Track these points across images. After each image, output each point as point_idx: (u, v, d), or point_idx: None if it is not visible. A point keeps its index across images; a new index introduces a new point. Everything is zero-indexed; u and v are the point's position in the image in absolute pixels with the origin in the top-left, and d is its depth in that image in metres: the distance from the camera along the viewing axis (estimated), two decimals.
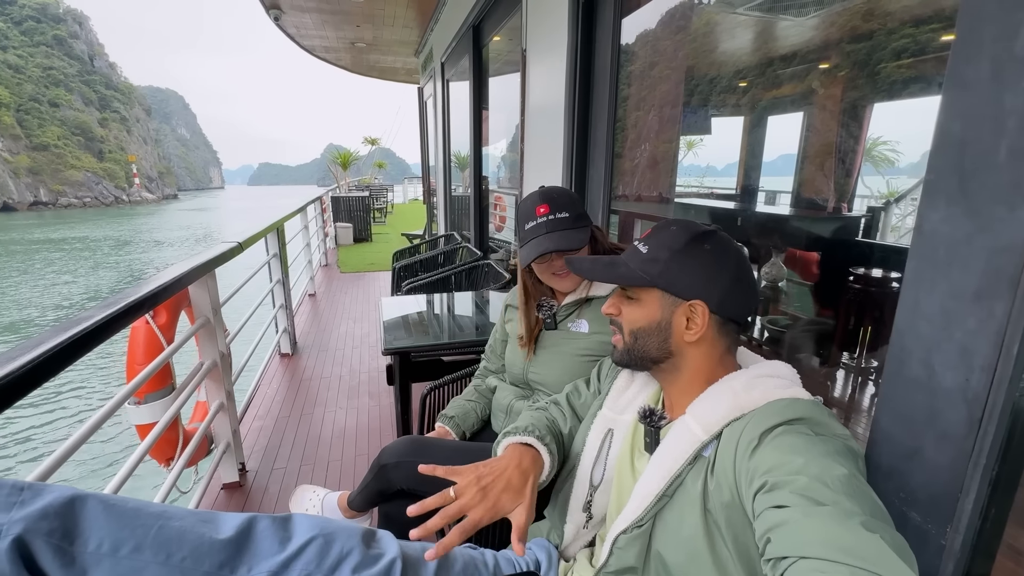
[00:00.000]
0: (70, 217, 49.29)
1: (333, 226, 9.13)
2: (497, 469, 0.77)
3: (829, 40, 1.38)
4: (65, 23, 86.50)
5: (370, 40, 6.52)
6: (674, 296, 0.75)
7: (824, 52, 1.41)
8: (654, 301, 0.76)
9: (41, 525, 0.55)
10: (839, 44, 1.36)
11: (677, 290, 0.74)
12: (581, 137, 1.89)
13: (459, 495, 0.72)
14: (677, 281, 0.74)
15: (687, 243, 0.75)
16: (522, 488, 0.76)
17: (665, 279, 0.74)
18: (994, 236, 0.55)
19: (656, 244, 0.77)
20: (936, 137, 0.61)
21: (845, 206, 1.47)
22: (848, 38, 1.33)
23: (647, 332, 0.77)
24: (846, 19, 1.33)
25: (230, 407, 2.02)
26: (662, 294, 0.75)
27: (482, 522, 0.70)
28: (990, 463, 0.58)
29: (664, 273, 0.74)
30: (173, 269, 1.58)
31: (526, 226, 1.14)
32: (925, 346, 0.63)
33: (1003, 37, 0.53)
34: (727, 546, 0.65)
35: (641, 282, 0.76)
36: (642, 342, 0.77)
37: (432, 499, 0.71)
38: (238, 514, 0.65)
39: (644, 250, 0.77)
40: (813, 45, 1.43)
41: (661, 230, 0.78)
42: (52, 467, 0.99)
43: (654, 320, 0.76)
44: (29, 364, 0.86)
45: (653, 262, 0.76)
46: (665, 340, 0.76)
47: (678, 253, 0.74)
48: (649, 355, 0.78)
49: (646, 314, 0.77)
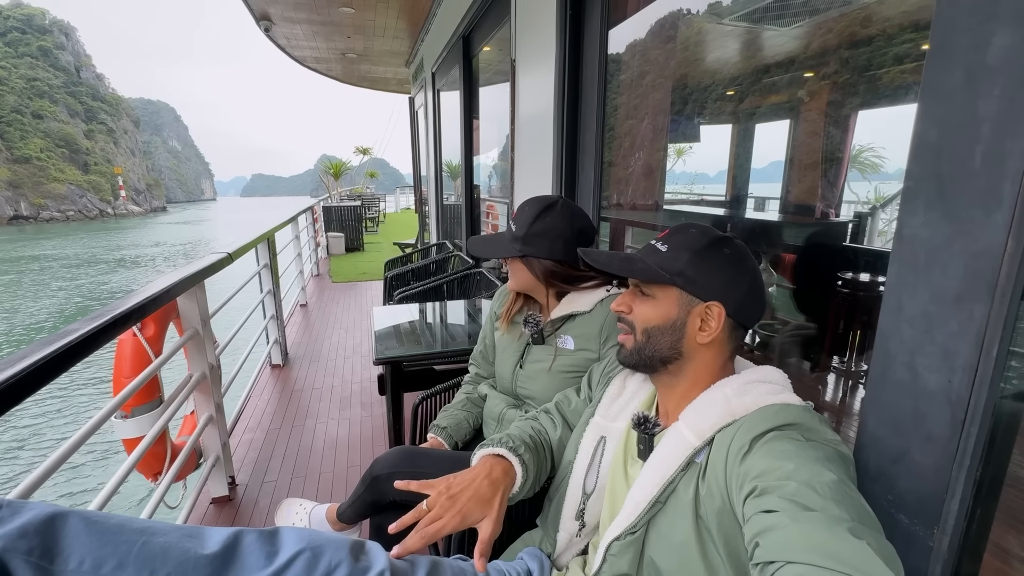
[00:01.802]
0: (49, 231, 46.45)
1: (324, 236, 9.11)
2: (467, 479, 0.78)
3: (813, 50, 1.41)
4: (51, 34, 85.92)
5: (361, 51, 6.54)
6: (692, 296, 0.75)
7: (809, 62, 1.44)
8: (671, 299, 0.76)
9: (20, 544, 0.54)
10: (823, 55, 1.38)
11: (696, 290, 0.75)
12: (570, 145, 1.91)
13: (430, 507, 0.74)
14: (697, 281, 0.74)
15: (708, 245, 0.75)
16: (491, 499, 0.76)
17: (684, 278, 0.75)
18: (972, 240, 0.57)
19: (676, 244, 0.77)
20: (913, 144, 0.62)
21: (832, 211, 1.49)
22: (833, 48, 1.35)
23: (661, 331, 0.77)
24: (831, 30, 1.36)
25: (219, 420, 2.00)
26: (680, 293, 0.76)
27: (445, 529, 0.72)
28: (974, 464, 0.59)
29: (684, 272, 0.75)
30: (161, 280, 1.56)
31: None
32: (908, 349, 0.64)
33: (975, 47, 0.55)
34: (719, 552, 0.66)
35: (661, 279, 0.76)
36: (655, 341, 0.77)
37: (408, 516, 0.74)
38: (224, 528, 0.64)
39: (664, 248, 0.77)
40: (797, 55, 1.46)
41: (681, 231, 0.78)
42: (35, 484, 0.97)
43: (669, 319, 0.76)
44: (13, 378, 0.85)
45: (673, 260, 0.76)
46: (678, 340, 0.76)
47: (699, 254, 0.75)
48: (660, 355, 0.77)
49: (662, 312, 0.77)
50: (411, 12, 4.88)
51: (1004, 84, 0.53)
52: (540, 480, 0.91)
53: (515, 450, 0.85)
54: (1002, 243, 0.54)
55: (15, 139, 66.22)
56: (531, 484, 0.87)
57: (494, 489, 0.78)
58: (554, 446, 0.98)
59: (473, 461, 0.86)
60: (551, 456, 0.96)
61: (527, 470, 0.84)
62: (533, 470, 0.86)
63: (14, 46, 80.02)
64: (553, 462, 0.97)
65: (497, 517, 0.76)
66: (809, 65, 1.47)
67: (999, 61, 0.53)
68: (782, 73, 1.56)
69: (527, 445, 0.89)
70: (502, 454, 0.85)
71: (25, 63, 78.52)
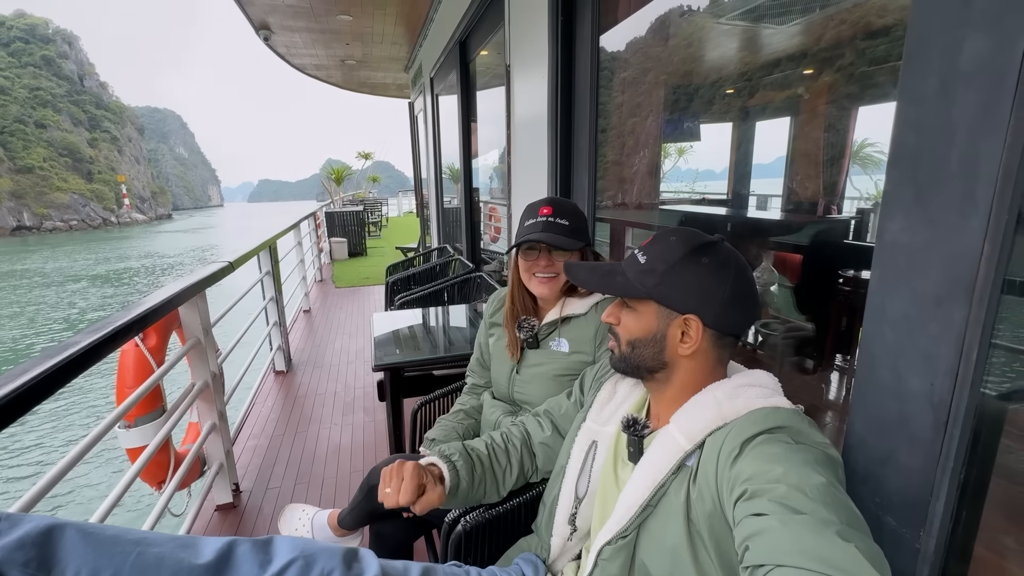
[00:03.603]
0: (49, 242, 44.59)
1: (327, 241, 9.14)
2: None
3: (810, 48, 1.42)
4: (54, 43, 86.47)
5: (360, 57, 6.58)
6: (669, 309, 0.75)
7: (806, 60, 1.45)
8: (650, 312, 0.76)
9: (17, 555, 0.55)
10: (820, 52, 1.39)
11: (672, 304, 0.74)
12: (565, 148, 1.92)
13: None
14: (672, 295, 0.74)
15: (684, 256, 0.74)
16: (417, 473, 0.81)
17: (660, 292, 0.74)
18: (950, 244, 0.57)
19: (653, 255, 0.77)
20: (892, 149, 0.62)
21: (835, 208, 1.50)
22: (830, 46, 1.36)
23: (643, 343, 0.77)
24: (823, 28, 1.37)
25: (223, 427, 2.01)
26: (658, 306, 0.76)
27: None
28: (957, 466, 0.59)
29: (659, 286, 0.74)
30: (163, 291, 1.58)
31: (526, 223, 1.16)
32: (892, 352, 0.65)
33: (948, 53, 0.56)
34: (709, 555, 0.66)
35: (637, 293, 0.77)
36: (638, 352, 0.78)
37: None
38: (218, 538, 0.65)
39: (642, 260, 0.77)
40: (795, 53, 1.47)
41: (660, 240, 0.78)
42: (38, 495, 0.99)
43: (650, 331, 0.76)
44: (16, 391, 0.87)
45: (649, 273, 0.76)
46: (660, 351, 0.76)
47: (674, 266, 0.74)
48: (644, 364, 0.78)
49: (642, 325, 0.77)
50: (408, 18, 4.90)
51: (977, 89, 0.53)
52: (484, 482, 0.96)
53: (448, 458, 0.92)
54: (979, 246, 0.54)
55: (18, 149, 66.18)
56: (467, 482, 0.91)
57: (422, 470, 0.83)
58: (536, 448, 1.02)
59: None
60: (530, 458, 1.02)
61: (451, 467, 0.91)
62: (465, 473, 0.92)
63: (17, 56, 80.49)
64: (538, 464, 1.02)
65: (410, 487, 0.79)
66: (798, 64, 1.48)
67: (972, 67, 0.54)
68: (774, 72, 1.56)
69: (463, 455, 0.95)
70: (434, 462, 0.91)
71: (28, 73, 78.84)
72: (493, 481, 0.97)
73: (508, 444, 1.01)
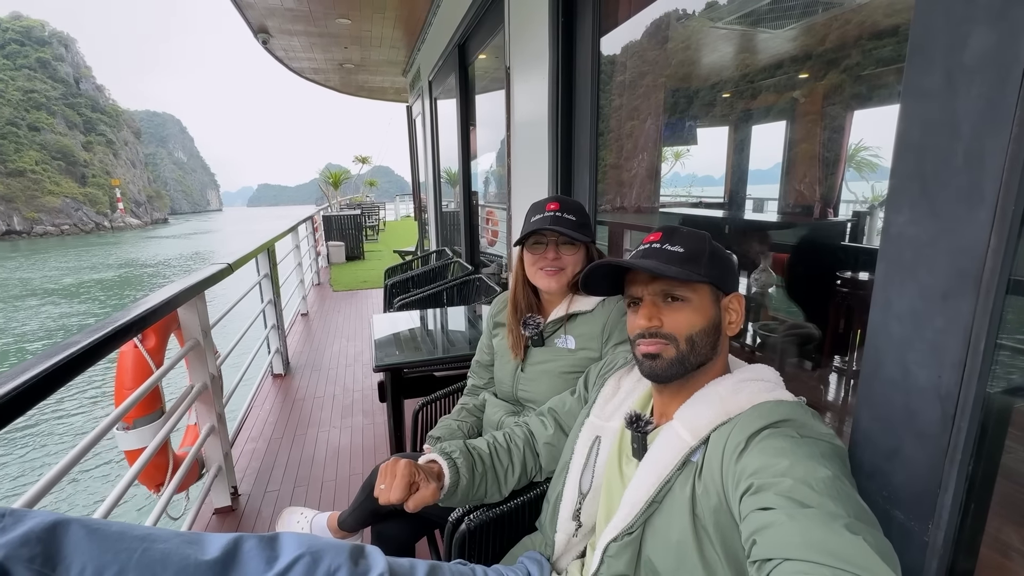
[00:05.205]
0: (39, 247, 42.66)
1: (325, 245, 9.13)
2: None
3: (807, 52, 1.43)
4: (50, 46, 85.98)
5: (358, 61, 6.59)
6: (720, 291, 0.76)
7: (802, 64, 1.46)
8: (705, 299, 0.75)
9: (22, 551, 0.55)
10: (817, 56, 1.40)
11: (724, 284, 0.76)
12: (565, 150, 1.92)
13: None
14: (724, 277, 0.76)
15: (710, 241, 0.77)
16: (409, 471, 0.80)
17: (712, 275, 0.75)
18: (956, 237, 0.57)
19: (688, 243, 0.76)
20: (897, 144, 0.63)
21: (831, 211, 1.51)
22: (827, 49, 1.37)
23: (704, 332, 0.74)
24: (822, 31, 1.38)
25: (221, 430, 2.00)
26: (711, 290, 0.76)
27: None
28: (965, 458, 0.59)
29: (711, 269, 0.75)
30: (161, 292, 1.57)
31: (532, 219, 1.16)
32: (898, 346, 0.65)
33: (953, 48, 0.56)
34: (716, 550, 0.66)
35: (698, 279, 0.74)
36: (699, 345, 0.74)
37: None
38: (224, 534, 0.65)
39: (680, 250, 0.75)
40: (790, 57, 1.48)
41: (678, 231, 0.78)
42: (39, 494, 0.98)
43: (709, 319, 0.75)
44: (14, 391, 0.86)
45: (695, 260, 0.74)
46: (716, 338, 0.76)
47: (713, 250, 0.77)
48: (702, 358, 0.75)
49: (703, 314, 0.75)
50: (407, 22, 4.92)
51: (982, 83, 0.54)
52: (486, 481, 0.95)
53: (449, 455, 0.91)
54: (985, 240, 0.54)
55: (10, 152, 65.11)
56: (467, 479, 0.91)
57: (413, 468, 0.82)
58: (540, 448, 1.01)
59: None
60: (534, 458, 1.01)
61: (453, 465, 0.90)
62: (466, 470, 0.91)
63: (12, 58, 79.95)
64: (542, 464, 1.01)
65: (401, 484, 0.78)
66: (799, 68, 1.49)
67: (976, 61, 0.54)
68: (772, 76, 1.57)
69: (473, 450, 0.96)
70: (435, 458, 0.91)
71: (23, 75, 78.26)
72: (495, 480, 0.97)
73: (511, 444, 1.01)
